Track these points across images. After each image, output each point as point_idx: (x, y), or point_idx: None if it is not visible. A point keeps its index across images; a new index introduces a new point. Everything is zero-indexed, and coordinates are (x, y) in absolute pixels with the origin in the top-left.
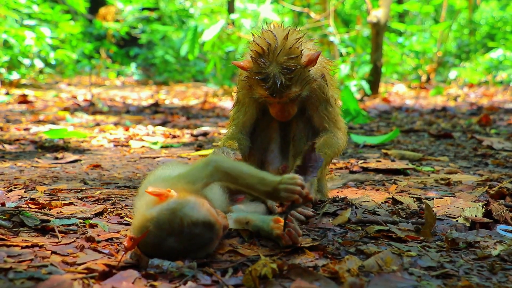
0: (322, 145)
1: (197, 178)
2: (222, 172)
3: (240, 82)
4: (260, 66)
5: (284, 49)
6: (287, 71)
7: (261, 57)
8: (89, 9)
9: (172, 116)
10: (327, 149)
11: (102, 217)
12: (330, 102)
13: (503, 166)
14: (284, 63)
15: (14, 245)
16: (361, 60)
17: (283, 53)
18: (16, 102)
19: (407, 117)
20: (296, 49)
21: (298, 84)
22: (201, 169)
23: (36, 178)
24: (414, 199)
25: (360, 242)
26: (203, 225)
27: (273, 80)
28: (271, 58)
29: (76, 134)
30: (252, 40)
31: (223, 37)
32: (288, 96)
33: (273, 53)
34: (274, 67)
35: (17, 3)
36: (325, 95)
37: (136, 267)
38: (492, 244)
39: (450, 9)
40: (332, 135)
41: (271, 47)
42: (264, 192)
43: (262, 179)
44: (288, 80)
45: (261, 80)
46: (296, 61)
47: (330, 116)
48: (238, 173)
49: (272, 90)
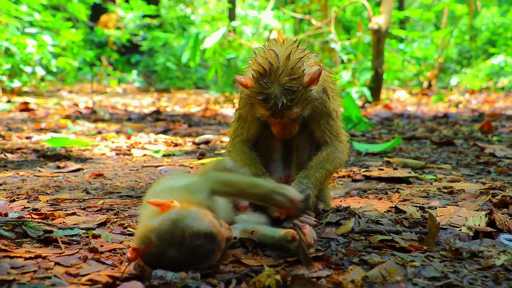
0: (323, 160)
1: (199, 189)
2: (219, 182)
3: (242, 100)
4: (262, 86)
5: (286, 69)
6: (289, 92)
7: (262, 77)
8: (90, 17)
9: (173, 124)
10: (329, 164)
11: (105, 228)
12: (331, 115)
13: (505, 174)
14: (286, 84)
15: (18, 256)
16: (363, 67)
17: (285, 74)
18: (17, 110)
19: (409, 124)
20: (298, 69)
21: (299, 104)
22: (200, 181)
23: (38, 187)
24: (417, 208)
25: (363, 252)
26: (204, 236)
27: (274, 101)
28: (273, 78)
29: (78, 142)
30: (254, 58)
31: (224, 44)
32: (290, 116)
33: (274, 73)
34: (276, 88)
35: (18, 11)
36: (327, 109)
37: (139, 278)
38: (496, 253)
39: (451, 15)
40: (334, 149)
41: (273, 67)
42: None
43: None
44: (290, 101)
45: (262, 100)
46: (297, 81)
47: (332, 130)
48: (235, 180)
49: (273, 111)
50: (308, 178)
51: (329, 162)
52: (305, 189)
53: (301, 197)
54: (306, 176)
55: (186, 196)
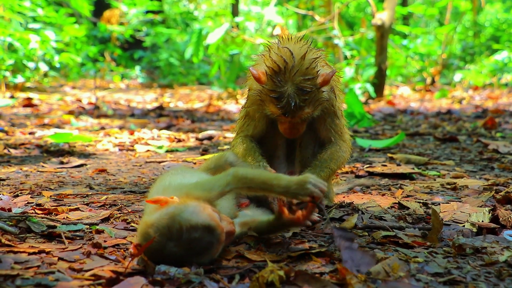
0: (328, 158)
1: (214, 186)
2: (239, 177)
3: (251, 97)
4: (275, 84)
5: (301, 69)
6: (302, 92)
7: (277, 75)
8: (93, 12)
9: (177, 120)
10: (333, 163)
11: (108, 223)
12: (337, 114)
13: (509, 170)
14: (300, 83)
15: (21, 252)
16: (366, 63)
17: (300, 74)
18: (20, 105)
19: (412, 120)
20: (312, 70)
21: (311, 105)
22: (220, 178)
23: (42, 183)
24: (421, 204)
25: (367, 248)
26: (203, 229)
27: (287, 100)
28: (287, 77)
29: (81, 138)
30: (267, 53)
31: (228, 40)
32: (301, 116)
33: (289, 72)
34: (290, 87)
35: (21, 6)
36: (334, 107)
37: (143, 273)
38: (499, 249)
39: (455, 11)
40: (338, 148)
41: (288, 66)
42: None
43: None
44: (302, 102)
45: (275, 98)
46: (312, 82)
47: (337, 129)
48: (255, 174)
49: (285, 110)
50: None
51: (333, 162)
52: None
53: (325, 184)
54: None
55: (198, 193)
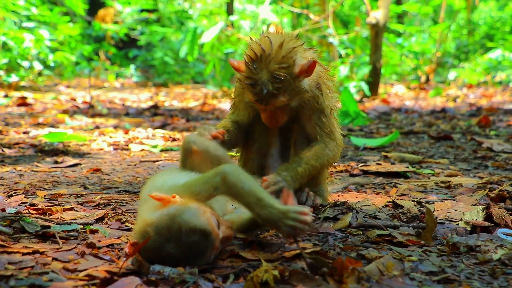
0: (309, 155)
1: (202, 191)
2: (229, 185)
3: (236, 88)
4: (251, 71)
5: (277, 57)
6: (276, 80)
7: (253, 63)
8: (87, 11)
9: (171, 119)
10: (314, 160)
11: (102, 223)
12: (324, 112)
13: (503, 168)
14: (274, 71)
15: (15, 252)
16: (360, 61)
17: (275, 61)
18: (15, 104)
19: (407, 118)
20: (289, 58)
21: (286, 94)
22: (208, 179)
23: (36, 182)
24: (415, 203)
25: (361, 247)
26: (200, 233)
27: (260, 87)
28: (263, 65)
29: (75, 137)
30: (249, 44)
31: (222, 39)
32: (275, 104)
33: (265, 60)
34: (264, 74)
35: (16, 5)
36: (319, 105)
37: (137, 273)
38: (493, 248)
39: (449, 9)
40: (323, 145)
41: (264, 54)
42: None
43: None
44: (276, 89)
45: (250, 85)
46: (286, 70)
47: (324, 127)
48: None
49: (259, 96)
50: (288, 171)
51: (315, 158)
52: (280, 181)
53: (311, 219)
54: (287, 169)
55: (187, 195)
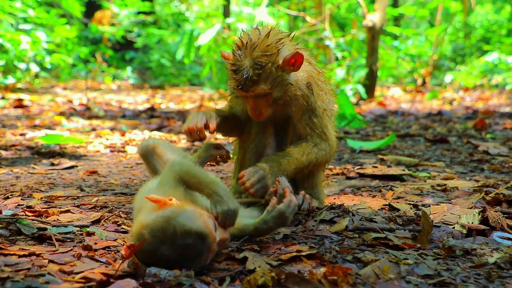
0: (295, 150)
1: (167, 190)
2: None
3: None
4: (236, 58)
5: (261, 45)
6: (257, 67)
7: (239, 50)
8: (84, 13)
9: (168, 121)
10: (299, 155)
11: (99, 225)
12: (315, 112)
13: (499, 171)
14: (257, 58)
15: (12, 254)
16: (357, 64)
17: (259, 49)
18: (11, 106)
19: (403, 121)
20: (273, 48)
21: (267, 82)
22: (167, 172)
23: (32, 185)
24: (411, 206)
25: (357, 250)
26: (196, 236)
27: (241, 73)
28: (248, 52)
29: (72, 139)
30: (239, 34)
31: (219, 41)
32: (255, 91)
33: (250, 47)
34: (247, 61)
35: (12, 7)
36: (309, 104)
37: (133, 276)
38: (489, 251)
39: (445, 12)
40: (312, 144)
41: (250, 42)
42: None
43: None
44: (256, 76)
45: (233, 71)
46: (269, 58)
47: (315, 127)
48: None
49: (239, 82)
50: (268, 163)
51: (301, 153)
52: (258, 170)
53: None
54: (267, 161)
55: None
